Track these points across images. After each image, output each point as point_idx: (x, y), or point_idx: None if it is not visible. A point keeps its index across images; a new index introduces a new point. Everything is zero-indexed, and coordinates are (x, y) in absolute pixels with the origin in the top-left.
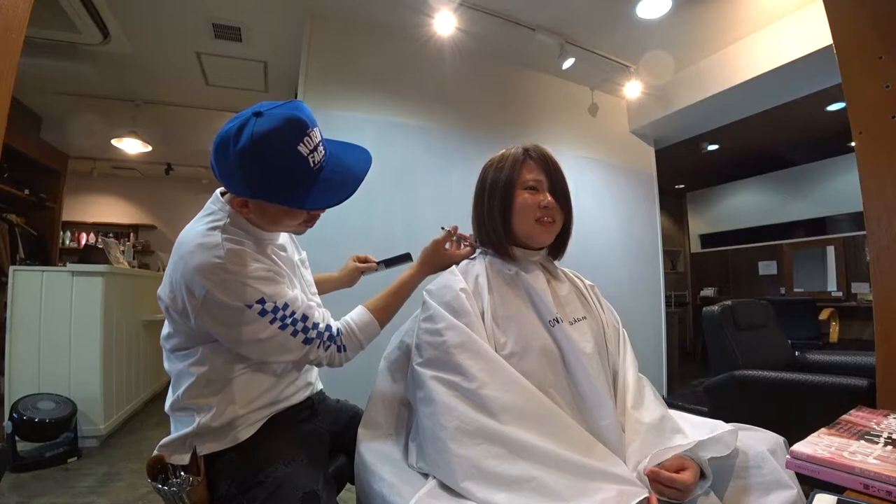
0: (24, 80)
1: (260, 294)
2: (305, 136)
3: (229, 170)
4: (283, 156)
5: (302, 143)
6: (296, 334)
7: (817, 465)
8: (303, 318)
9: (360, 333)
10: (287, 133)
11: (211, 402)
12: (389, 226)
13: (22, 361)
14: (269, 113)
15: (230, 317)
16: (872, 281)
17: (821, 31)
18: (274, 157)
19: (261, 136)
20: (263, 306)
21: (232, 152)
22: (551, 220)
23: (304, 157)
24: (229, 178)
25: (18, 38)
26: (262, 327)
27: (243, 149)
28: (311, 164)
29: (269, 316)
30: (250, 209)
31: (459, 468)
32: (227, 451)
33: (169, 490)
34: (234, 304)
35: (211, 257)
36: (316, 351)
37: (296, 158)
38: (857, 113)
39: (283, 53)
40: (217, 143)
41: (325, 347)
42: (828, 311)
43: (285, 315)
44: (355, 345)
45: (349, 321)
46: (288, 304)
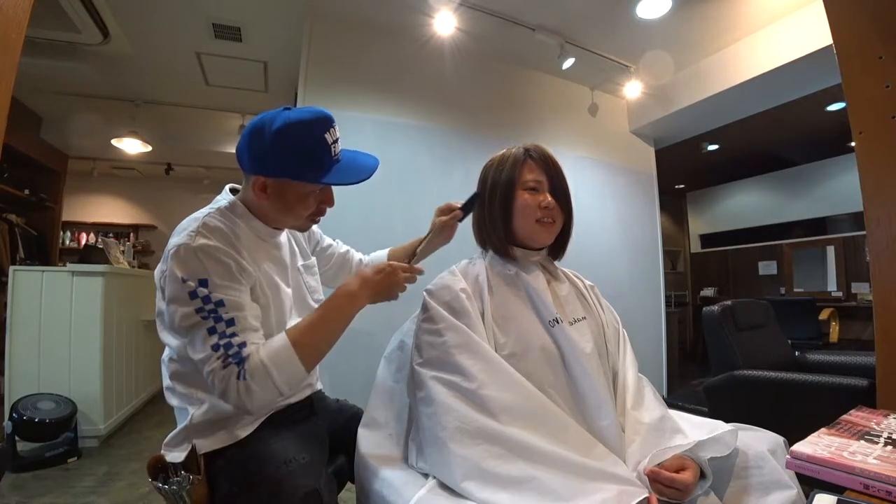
0: (24, 80)
1: (204, 274)
2: (330, 127)
3: (262, 150)
4: (311, 139)
5: (327, 133)
6: (211, 332)
7: (817, 465)
8: (229, 322)
9: (271, 365)
10: (315, 122)
11: (201, 395)
12: (390, 226)
13: (22, 361)
14: (298, 109)
15: (170, 288)
16: (872, 281)
17: (821, 31)
18: (304, 138)
19: (295, 121)
20: (197, 288)
21: (267, 133)
22: (552, 220)
23: (329, 145)
24: (261, 158)
25: (18, 38)
26: (185, 307)
27: (279, 129)
28: (332, 152)
29: (197, 301)
30: (268, 194)
31: (459, 468)
32: (228, 449)
33: (169, 489)
34: (177, 274)
35: (188, 227)
36: (213, 363)
37: (322, 143)
38: (857, 113)
39: (283, 53)
40: (250, 130)
41: (223, 363)
42: (828, 311)
43: (214, 309)
44: (263, 379)
45: (262, 349)
46: (225, 301)
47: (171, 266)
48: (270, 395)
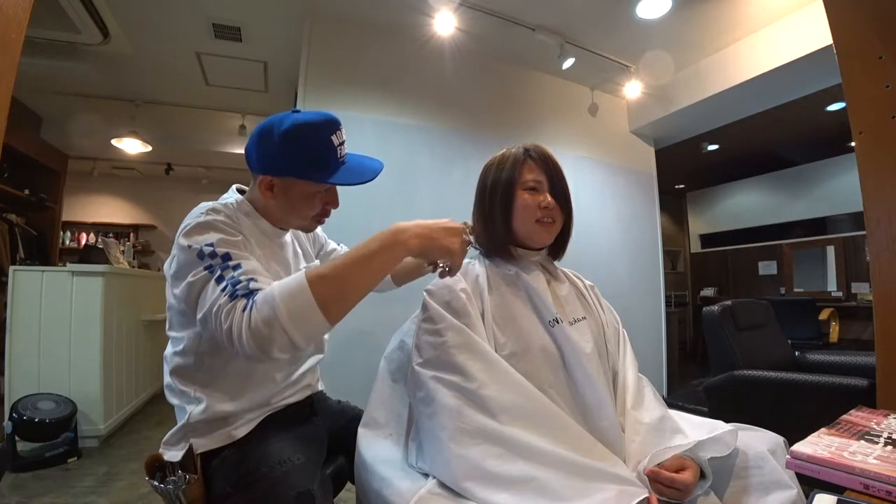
0: (24, 80)
1: (212, 240)
2: (337, 130)
3: (270, 150)
4: (318, 140)
5: (334, 135)
6: (220, 281)
7: (817, 465)
8: (236, 267)
9: (279, 299)
10: (323, 124)
11: (200, 393)
12: (387, 223)
13: (22, 361)
14: (306, 111)
15: (180, 260)
16: (872, 281)
17: (821, 31)
18: (312, 139)
19: (303, 122)
20: (203, 247)
21: (276, 133)
22: (551, 220)
23: (335, 147)
24: (268, 158)
25: (18, 38)
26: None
27: (287, 130)
28: (338, 154)
29: (205, 261)
30: (274, 193)
31: (459, 468)
32: (224, 449)
33: (166, 488)
34: (184, 244)
35: (195, 211)
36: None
37: (328, 144)
38: (857, 113)
39: (283, 53)
40: (259, 130)
41: (230, 298)
42: (828, 311)
43: (221, 262)
44: (269, 313)
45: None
46: (231, 255)
47: (179, 241)
48: (280, 335)
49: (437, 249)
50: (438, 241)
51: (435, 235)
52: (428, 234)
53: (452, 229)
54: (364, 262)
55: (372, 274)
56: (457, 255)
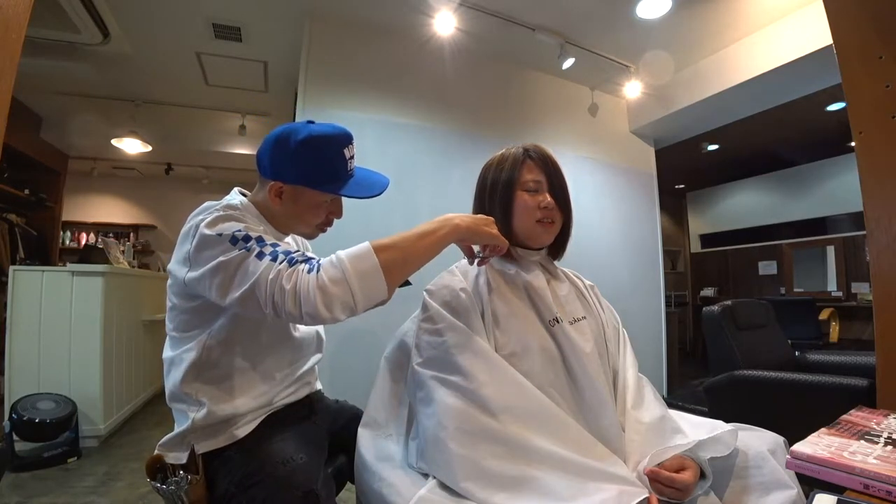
0: (24, 80)
1: (237, 227)
2: (349, 143)
3: (285, 158)
4: (332, 152)
5: (346, 148)
6: (261, 256)
7: (817, 465)
8: (273, 244)
9: (348, 262)
10: (337, 136)
11: (202, 397)
12: (389, 226)
13: (22, 361)
14: (321, 123)
15: (205, 249)
16: (872, 281)
17: (821, 31)
18: (326, 150)
19: (318, 134)
20: (234, 234)
21: (292, 142)
22: (551, 220)
23: (346, 160)
24: (282, 164)
25: (18, 38)
26: (227, 251)
27: (305, 140)
28: (348, 167)
29: (239, 244)
30: (283, 199)
31: (459, 468)
32: (226, 449)
33: (168, 489)
34: (211, 234)
35: (209, 209)
36: (277, 267)
37: (340, 157)
38: (857, 113)
39: (283, 53)
40: (275, 137)
41: (289, 262)
42: (828, 311)
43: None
44: (337, 273)
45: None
46: (263, 237)
47: (202, 231)
48: (346, 294)
49: (482, 234)
50: (482, 227)
51: (479, 222)
52: (473, 220)
53: (489, 219)
54: (421, 237)
55: (427, 248)
56: (499, 238)
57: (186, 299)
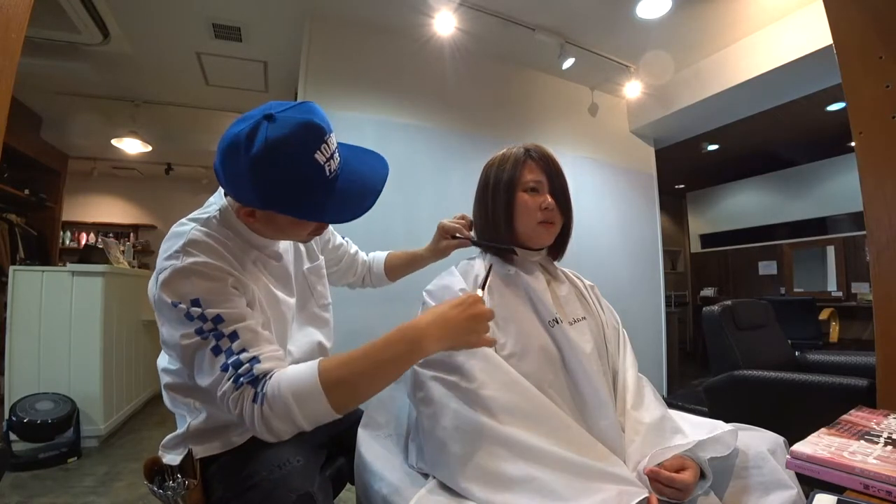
0: (24, 80)
1: (196, 294)
2: (323, 143)
3: (238, 178)
4: (299, 165)
5: (319, 151)
6: (217, 353)
7: (817, 465)
8: (231, 336)
9: (290, 395)
10: (304, 140)
11: (200, 405)
12: (389, 226)
13: (22, 361)
14: (282, 116)
15: (164, 315)
16: (872, 281)
17: (821, 31)
18: (289, 165)
19: (275, 143)
20: (190, 309)
21: (243, 159)
22: (552, 221)
23: (321, 166)
24: (237, 186)
25: (18, 38)
26: (184, 330)
27: (256, 156)
28: (326, 172)
29: (195, 323)
30: (257, 219)
31: (459, 468)
32: (223, 455)
33: (165, 493)
34: (166, 300)
35: (173, 245)
36: (226, 384)
37: (312, 167)
38: (857, 113)
39: (283, 53)
40: (224, 147)
41: (235, 384)
42: (828, 311)
43: (214, 327)
44: (282, 410)
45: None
46: (223, 316)
47: (159, 293)
48: (290, 428)
49: (464, 345)
50: (460, 342)
51: (457, 337)
52: (451, 338)
53: (477, 317)
54: (380, 369)
55: (386, 380)
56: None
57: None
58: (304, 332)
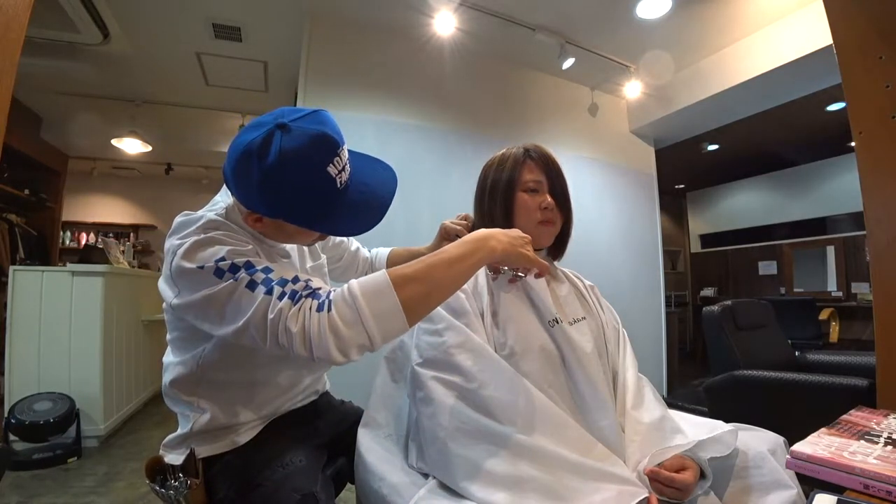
0: (24, 80)
1: (220, 253)
2: (335, 156)
3: (249, 185)
4: (311, 177)
5: (332, 164)
6: (253, 287)
7: (817, 465)
8: (265, 269)
9: (361, 296)
10: (318, 152)
11: (204, 404)
12: (388, 226)
13: (22, 361)
14: (296, 127)
15: (184, 280)
16: (872, 281)
17: (821, 31)
18: (302, 177)
19: (289, 154)
20: (218, 265)
21: (255, 169)
22: (551, 221)
23: (333, 179)
24: (248, 193)
25: (18, 38)
26: (213, 284)
27: (270, 167)
28: (338, 185)
29: (226, 276)
30: (264, 225)
31: (459, 468)
32: (226, 454)
33: (167, 493)
34: (187, 266)
35: (188, 224)
36: (277, 303)
37: (324, 180)
38: (857, 113)
39: (283, 53)
40: (237, 155)
41: (292, 298)
42: (828, 311)
43: (242, 270)
44: (351, 313)
45: (349, 283)
46: (252, 263)
47: (180, 262)
48: (360, 337)
49: (518, 256)
50: (518, 249)
51: (516, 243)
52: (510, 241)
53: (526, 238)
54: (450, 265)
55: (456, 278)
56: (534, 262)
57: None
58: None
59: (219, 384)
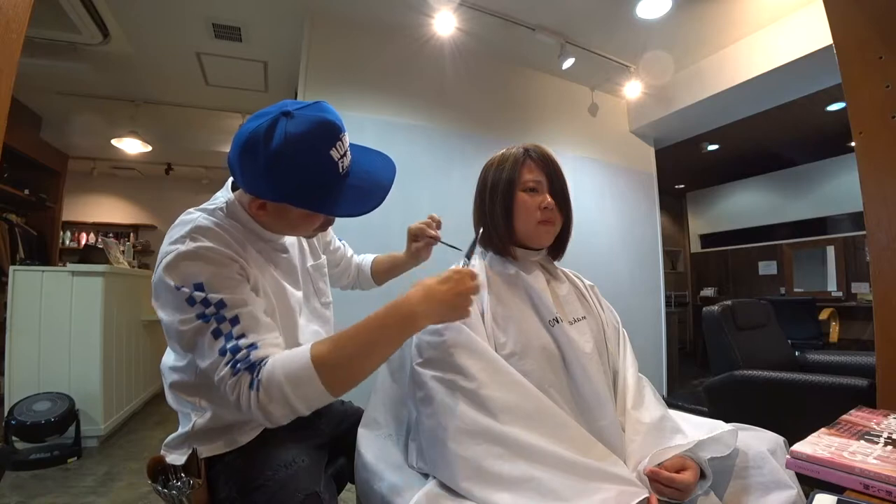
0: (24, 80)
1: (200, 278)
2: (337, 140)
3: (256, 171)
4: (316, 160)
5: (334, 148)
6: (217, 336)
7: (817, 465)
8: (232, 321)
9: (285, 381)
10: (320, 137)
11: (205, 404)
12: (388, 225)
13: (22, 361)
14: (300, 114)
15: (165, 298)
16: (872, 281)
17: (821, 31)
18: (307, 160)
19: (294, 138)
20: (193, 293)
21: (262, 153)
22: (551, 221)
23: (336, 162)
24: (254, 179)
25: (18, 38)
26: (184, 315)
27: (276, 151)
28: (340, 169)
29: (197, 308)
30: (268, 212)
31: (459, 468)
32: (228, 454)
33: (169, 493)
34: (168, 283)
35: (179, 231)
36: (223, 369)
37: (328, 163)
38: (857, 113)
39: (283, 53)
40: (243, 142)
41: (233, 370)
42: (828, 311)
43: (216, 312)
44: (277, 395)
45: (277, 362)
46: (225, 301)
47: (162, 275)
48: (287, 412)
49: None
50: (447, 318)
51: (445, 314)
52: (439, 314)
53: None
54: (373, 349)
55: (379, 360)
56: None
57: None
58: (310, 327)
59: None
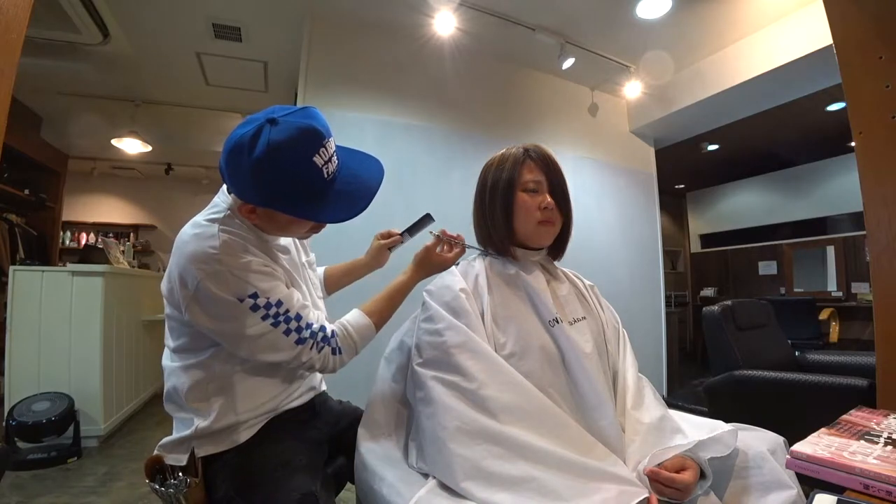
0: (24, 80)
1: (253, 288)
2: (321, 147)
3: (241, 177)
4: (298, 167)
5: (317, 155)
6: (288, 333)
7: (817, 465)
8: (296, 318)
9: (357, 336)
10: (303, 143)
11: (211, 407)
12: (388, 225)
13: (22, 361)
14: (284, 121)
15: (221, 310)
16: (872, 281)
17: (821, 31)
18: (289, 167)
19: (277, 146)
20: (256, 301)
21: (246, 160)
22: (551, 221)
23: (319, 169)
24: (240, 184)
25: (18, 38)
26: (252, 322)
27: (258, 158)
28: (325, 175)
29: (261, 312)
30: (258, 216)
31: (459, 468)
32: (225, 452)
33: (166, 491)
34: (224, 297)
35: (205, 247)
36: (308, 352)
37: (311, 170)
38: (857, 113)
39: (283, 53)
40: (229, 148)
41: (318, 349)
42: (828, 311)
43: (278, 312)
44: (350, 348)
45: (345, 323)
46: (282, 300)
47: (210, 289)
48: (353, 355)
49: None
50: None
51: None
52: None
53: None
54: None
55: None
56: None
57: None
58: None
59: (224, 386)
